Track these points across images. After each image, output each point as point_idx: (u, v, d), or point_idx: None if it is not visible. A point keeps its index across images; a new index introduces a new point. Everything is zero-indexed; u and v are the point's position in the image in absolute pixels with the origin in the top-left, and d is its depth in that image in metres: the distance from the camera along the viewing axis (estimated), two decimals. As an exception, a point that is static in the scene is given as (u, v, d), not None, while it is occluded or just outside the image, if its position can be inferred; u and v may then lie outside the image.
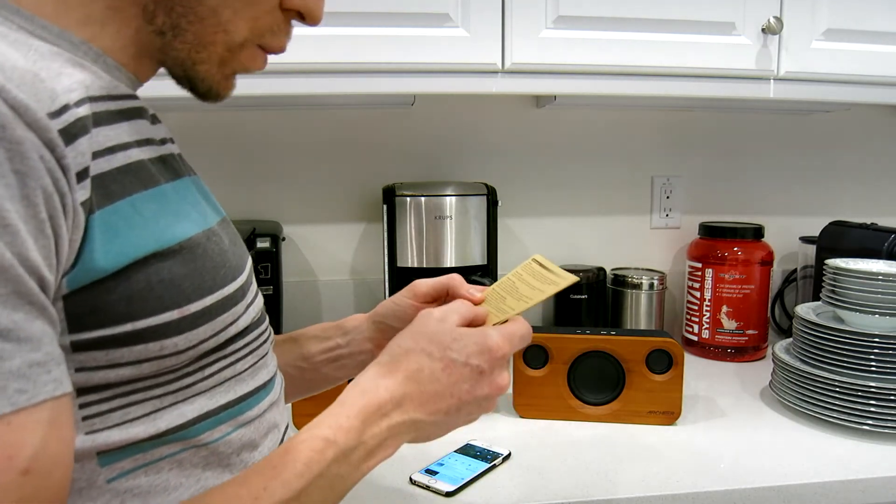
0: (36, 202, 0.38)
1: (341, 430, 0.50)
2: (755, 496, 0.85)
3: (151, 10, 0.50)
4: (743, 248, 1.35)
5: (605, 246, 1.52)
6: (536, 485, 0.85)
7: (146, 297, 0.45)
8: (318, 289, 1.43)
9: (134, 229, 0.45)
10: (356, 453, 0.51)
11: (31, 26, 0.46)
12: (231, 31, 0.51)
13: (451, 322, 0.57)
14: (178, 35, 0.50)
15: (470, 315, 0.60)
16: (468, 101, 1.42)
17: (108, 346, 0.44)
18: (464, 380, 0.55)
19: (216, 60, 0.52)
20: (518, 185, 1.46)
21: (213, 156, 1.36)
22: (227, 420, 0.53)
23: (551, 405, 1.05)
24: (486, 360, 0.55)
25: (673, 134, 1.52)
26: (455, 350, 0.55)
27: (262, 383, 0.58)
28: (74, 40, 0.47)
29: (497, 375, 0.56)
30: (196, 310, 0.49)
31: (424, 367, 0.54)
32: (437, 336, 0.56)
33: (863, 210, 1.59)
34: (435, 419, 0.54)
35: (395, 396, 0.53)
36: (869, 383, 0.96)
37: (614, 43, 1.09)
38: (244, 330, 0.56)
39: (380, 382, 0.53)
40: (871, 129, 1.58)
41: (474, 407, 0.56)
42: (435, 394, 0.54)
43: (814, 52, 1.15)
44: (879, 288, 1.00)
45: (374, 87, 1.06)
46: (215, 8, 0.50)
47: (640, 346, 1.03)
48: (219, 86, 0.54)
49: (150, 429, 0.48)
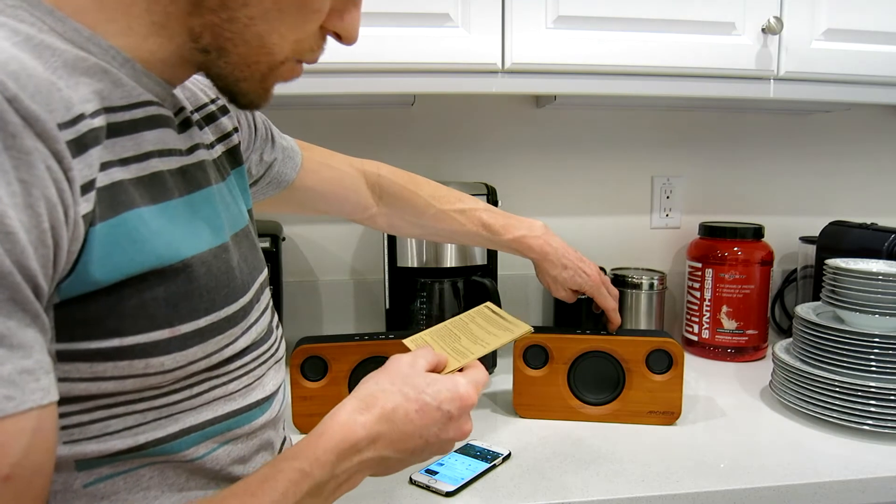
0: (39, 211, 0.38)
1: (317, 463, 0.51)
2: (755, 496, 0.85)
3: (198, 32, 0.49)
4: (743, 248, 1.35)
5: (605, 246, 1.52)
6: (536, 485, 0.85)
7: (137, 314, 0.45)
8: (318, 289, 1.43)
9: (136, 244, 0.45)
10: (328, 486, 0.52)
11: (62, 28, 0.45)
12: (276, 52, 0.52)
13: (420, 367, 0.60)
14: (223, 56, 0.50)
15: (434, 361, 0.62)
16: (468, 100, 1.42)
17: (93, 358, 0.44)
18: (434, 423, 0.57)
19: (258, 78, 0.53)
20: (518, 185, 1.46)
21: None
22: (213, 436, 0.52)
23: (551, 405, 1.05)
24: (456, 407, 0.58)
25: (673, 134, 1.52)
26: (429, 394, 0.57)
27: (256, 401, 0.57)
28: (104, 45, 0.47)
29: (464, 422, 0.59)
30: (188, 330, 0.48)
31: (400, 408, 0.56)
32: (411, 379, 0.58)
33: (863, 210, 1.59)
34: (401, 457, 0.56)
35: (371, 434, 0.54)
36: (869, 383, 0.96)
37: (614, 43, 1.09)
38: (242, 351, 0.55)
39: (357, 418, 0.54)
40: (871, 129, 1.58)
41: (436, 448, 0.59)
42: (406, 434, 0.56)
43: (814, 52, 1.15)
44: (879, 288, 1.00)
45: (374, 87, 1.06)
46: (262, 34, 0.50)
47: (640, 346, 1.03)
48: (259, 98, 0.55)
49: (130, 442, 0.47)
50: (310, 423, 1.00)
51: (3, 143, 0.37)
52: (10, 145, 0.37)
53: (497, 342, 0.71)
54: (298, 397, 1.00)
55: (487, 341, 0.71)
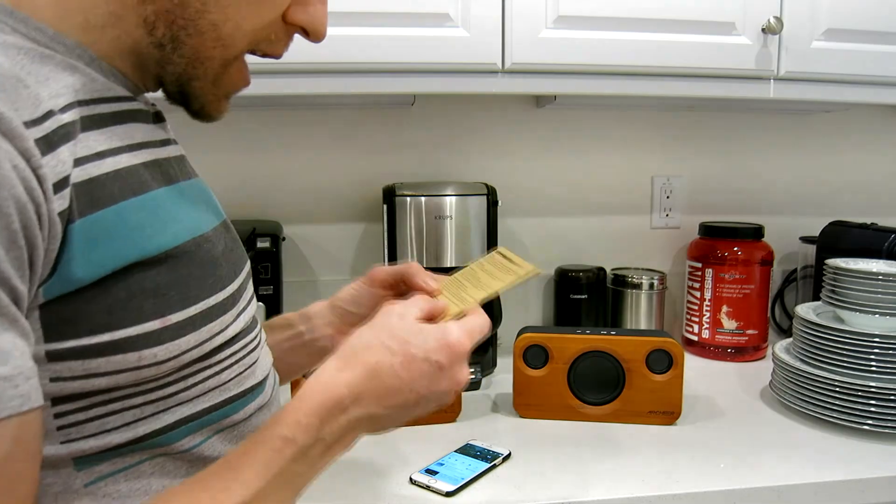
0: (8, 212, 0.37)
1: (299, 427, 0.49)
2: (755, 496, 0.85)
3: (152, 22, 0.49)
4: (743, 248, 1.35)
5: (605, 246, 1.52)
6: (536, 485, 0.85)
7: (126, 307, 0.44)
8: (318, 289, 1.43)
9: (116, 239, 0.44)
10: (314, 450, 0.50)
11: (25, 28, 0.45)
12: (229, 45, 0.51)
13: (411, 316, 0.57)
14: (177, 48, 0.50)
15: (429, 309, 0.60)
16: (468, 101, 1.42)
17: (85, 356, 0.43)
18: (423, 375, 0.54)
19: (211, 77, 0.52)
20: (518, 185, 1.46)
21: (214, 155, 1.36)
22: (208, 425, 0.52)
23: (551, 405, 1.05)
24: (446, 356, 0.55)
25: (673, 134, 1.52)
26: (415, 345, 0.55)
27: (249, 388, 0.57)
28: (69, 43, 0.47)
29: (457, 371, 0.56)
30: (179, 319, 0.48)
31: (384, 362, 0.54)
32: (397, 331, 0.56)
33: (863, 210, 1.59)
34: (391, 413, 0.54)
35: (354, 391, 0.52)
36: (869, 383, 0.96)
37: (614, 43, 1.09)
38: (232, 339, 0.54)
39: (339, 376, 0.53)
40: (871, 129, 1.58)
41: (433, 400, 0.56)
42: (393, 388, 0.54)
43: (814, 52, 1.15)
44: (879, 288, 1.00)
45: (374, 87, 1.06)
46: (216, 23, 0.49)
47: (640, 346, 1.03)
48: (211, 105, 0.54)
49: (129, 435, 0.47)
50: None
51: None
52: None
53: (499, 285, 0.69)
54: None
55: (490, 285, 0.69)
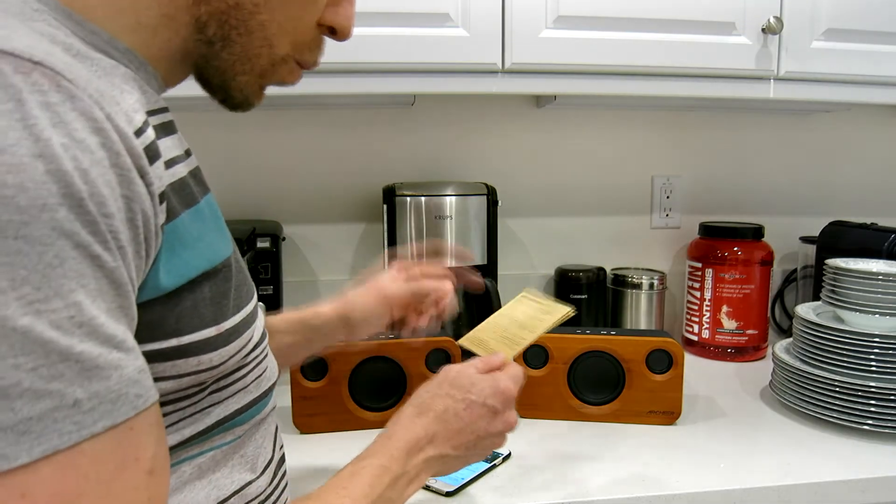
0: (137, 225, 0.39)
1: (392, 458, 0.59)
2: (755, 496, 0.85)
3: (204, 21, 0.49)
4: (743, 248, 1.35)
5: (605, 246, 1.52)
6: (536, 485, 0.85)
7: (191, 315, 0.46)
8: (318, 289, 1.43)
9: (188, 249, 0.46)
10: (401, 480, 0.59)
11: (83, 32, 0.44)
12: (275, 45, 0.52)
13: (468, 369, 0.68)
14: (226, 46, 0.51)
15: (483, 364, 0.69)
16: (468, 101, 1.42)
17: (155, 359, 0.45)
18: (481, 417, 0.64)
19: (257, 72, 0.53)
20: (518, 185, 1.46)
21: (214, 156, 1.36)
22: (238, 425, 0.54)
23: (551, 405, 1.05)
24: (500, 401, 0.65)
25: (673, 134, 1.52)
26: (474, 392, 0.65)
27: (266, 389, 0.59)
28: (121, 47, 0.46)
29: (509, 415, 0.67)
30: (229, 326, 0.50)
31: (449, 408, 0.64)
32: (457, 381, 0.66)
33: (863, 210, 1.59)
34: (458, 453, 0.64)
35: (429, 433, 0.62)
36: (869, 383, 0.96)
37: (614, 43, 1.09)
38: (257, 344, 0.57)
39: (416, 421, 0.63)
40: (871, 129, 1.58)
41: (489, 442, 0.66)
42: (458, 430, 0.63)
43: (814, 52, 1.15)
44: (879, 288, 1.00)
45: (374, 87, 1.06)
46: (263, 23, 0.51)
47: (640, 346, 1.03)
48: (253, 96, 0.55)
49: (177, 437, 0.48)
50: (309, 422, 1.00)
51: (109, 160, 0.37)
52: (115, 163, 0.38)
53: (545, 325, 0.78)
54: (298, 397, 1.00)
55: (536, 326, 0.78)
